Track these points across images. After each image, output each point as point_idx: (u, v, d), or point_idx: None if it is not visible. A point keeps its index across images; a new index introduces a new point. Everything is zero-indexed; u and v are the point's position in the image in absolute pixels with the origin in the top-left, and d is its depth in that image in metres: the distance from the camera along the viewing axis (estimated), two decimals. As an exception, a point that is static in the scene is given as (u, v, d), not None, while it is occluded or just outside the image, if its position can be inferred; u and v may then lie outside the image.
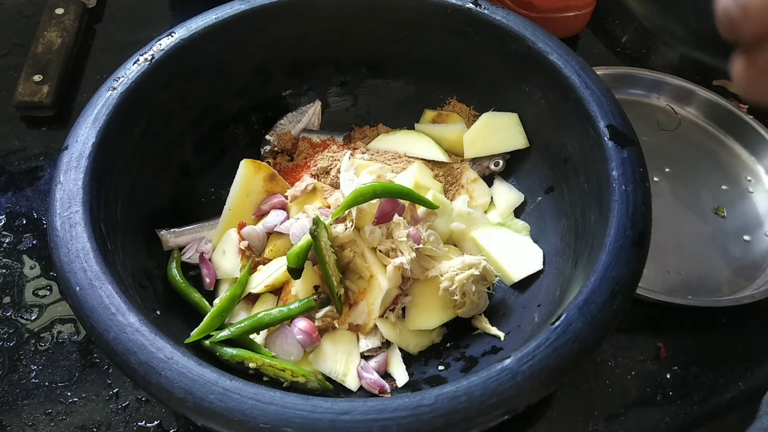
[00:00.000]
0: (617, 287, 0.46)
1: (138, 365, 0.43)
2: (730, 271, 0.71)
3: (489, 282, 0.59)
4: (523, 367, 0.42)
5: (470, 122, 0.71)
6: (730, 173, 0.79)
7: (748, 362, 0.65)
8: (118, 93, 0.57)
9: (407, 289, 0.60)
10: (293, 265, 0.55)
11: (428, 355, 0.59)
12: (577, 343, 0.44)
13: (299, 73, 0.73)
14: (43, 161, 0.78)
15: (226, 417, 0.40)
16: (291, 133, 0.73)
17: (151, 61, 0.60)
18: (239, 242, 0.62)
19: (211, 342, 0.54)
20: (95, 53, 0.89)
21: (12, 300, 0.66)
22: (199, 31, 0.63)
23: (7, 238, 0.71)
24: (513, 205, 0.68)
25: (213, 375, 0.42)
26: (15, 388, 0.61)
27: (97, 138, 0.54)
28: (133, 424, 0.59)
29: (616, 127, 0.55)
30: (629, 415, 0.61)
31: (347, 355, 0.57)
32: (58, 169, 0.53)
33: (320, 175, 0.67)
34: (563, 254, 0.59)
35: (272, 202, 0.64)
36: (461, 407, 0.41)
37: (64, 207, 0.50)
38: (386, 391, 0.55)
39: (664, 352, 0.65)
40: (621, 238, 0.49)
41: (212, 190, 0.69)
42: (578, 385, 0.62)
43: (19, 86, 0.80)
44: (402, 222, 0.58)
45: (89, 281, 0.46)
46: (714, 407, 0.62)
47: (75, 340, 0.64)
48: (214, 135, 0.70)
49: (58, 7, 0.88)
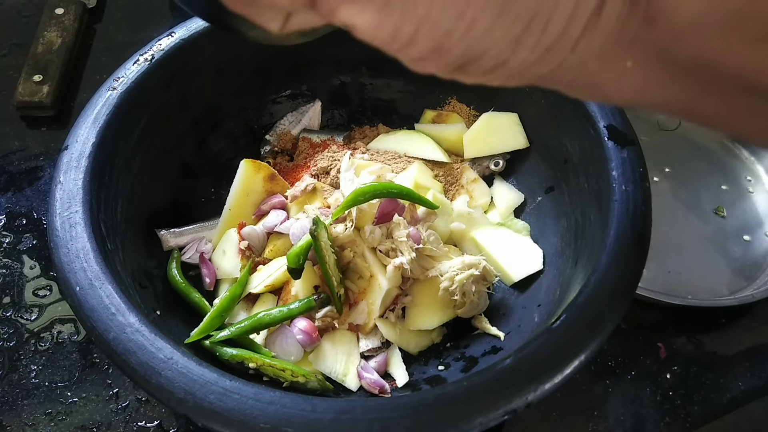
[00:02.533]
0: (617, 287, 0.46)
1: (138, 365, 0.43)
2: (730, 271, 0.71)
3: (489, 282, 0.59)
4: (523, 368, 0.42)
5: (470, 122, 0.71)
6: (730, 173, 0.79)
7: (748, 362, 0.65)
8: (118, 93, 0.57)
9: (407, 289, 0.60)
10: (293, 265, 0.55)
11: (428, 355, 0.59)
12: (578, 344, 0.44)
13: (299, 73, 0.73)
14: (43, 161, 0.78)
15: (226, 417, 0.40)
16: (291, 133, 0.73)
17: (151, 61, 0.60)
18: (239, 242, 0.62)
19: (211, 342, 0.54)
20: (95, 53, 0.89)
21: (12, 300, 0.66)
22: (199, 31, 0.63)
23: (7, 238, 0.71)
24: (513, 205, 0.68)
25: (213, 375, 0.42)
26: (15, 388, 0.61)
27: (97, 138, 0.54)
28: (133, 424, 0.59)
29: (616, 127, 0.55)
30: (629, 415, 0.61)
31: (347, 355, 0.57)
32: (58, 169, 0.53)
33: (320, 175, 0.67)
34: (563, 254, 0.59)
35: (272, 202, 0.64)
36: (461, 407, 0.41)
37: (64, 207, 0.50)
38: (386, 391, 0.55)
39: (664, 352, 0.65)
40: (621, 238, 0.49)
41: (212, 190, 0.69)
42: (578, 385, 0.62)
43: (19, 86, 0.80)
44: (402, 222, 0.58)
45: (89, 281, 0.46)
46: (714, 407, 0.62)
47: (75, 340, 0.64)
48: (214, 135, 0.70)
49: (58, 7, 0.88)
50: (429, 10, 0.21)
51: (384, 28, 0.22)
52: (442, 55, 0.23)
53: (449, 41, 0.22)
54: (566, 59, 0.23)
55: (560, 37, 0.22)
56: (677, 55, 0.23)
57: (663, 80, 0.24)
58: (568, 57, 0.23)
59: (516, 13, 0.21)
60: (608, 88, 0.25)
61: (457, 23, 0.21)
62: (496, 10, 0.21)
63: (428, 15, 0.21)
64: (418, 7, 0.21)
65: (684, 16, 0.21)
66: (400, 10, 0.21)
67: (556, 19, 0.22)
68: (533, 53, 0.23)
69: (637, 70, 0.24)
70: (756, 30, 0.21)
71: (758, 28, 0.21)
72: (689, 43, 0.22)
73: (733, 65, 0.22)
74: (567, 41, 0.22)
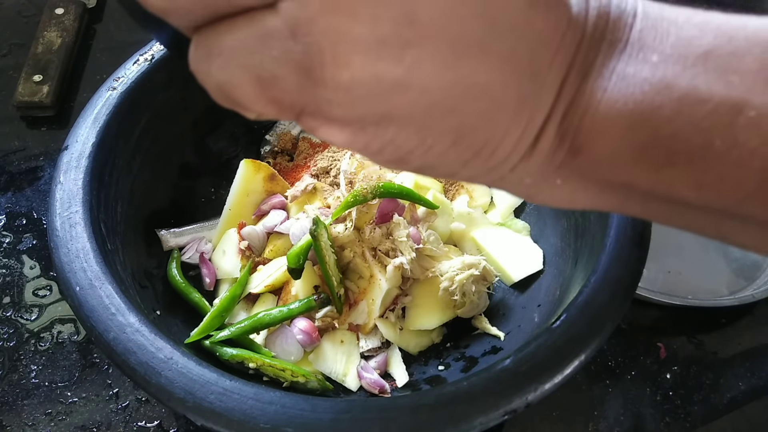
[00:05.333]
0: (617, 287, 0.46)
1: (138, 365, 0.43)
2: (730, 271, 0.71)
3: (489, 282, 0.59)
4: (523, 368, 0.42)
5: (470, 122, 0.71)
6: (730, 173, 0.79)
7: (748, 362, 0.65)
8: (118, 93, 0.57)
9: (407, 289, 0.60)
10: (293, 265, 0.55)
11: (428, 355, 0.59)
12: (578, 344, 0.44)
13: (299, 73, 0.73)
14: (43, 161, 0.78)
15: (226, 417, 0.40)
16: (291, 133, 0.73)
17: (151, 61, 0.60)
18: (239, 242, 0.62)
19: (211, 342, 0.54)
20: (95, 53, 0.89)
21: (12, 300, 0.66)
22: (199, 31, 0.63)
23: (7, 238, 0.71)
24: (513, 205, 0.68)
25: (213, 375, 0.42)
26: (15, 388, 0.61)
27: (97, 138, 0.54)
28: (133, 424, 0.59)
29: (616, 127, 0.55)
30: (629, 415, 0.61)
31: (347, 355, 0.57)
32: (58, 169, 0.53)
33: (320, 175, 0.67)
34: (563, 254, 0.59)
35: (272, 202, 0.64)
36: (461, 407, 0.41)
37: (64, 207, 0.50)
38: (386, 391, 0.55)
39: (664, 352, 0.65)
40: (621, 238, 0.49)
41: (212, 190, 0.69)
42: (578, 385, 0.62)
43: (19, 86, 0.80)
44: (402, 222, 0.58)
45: (89, 281, 0.46)
46: (714, 407, 0.62)
47: (75, 340, 0.64)
48: (214, 135, 0.70)
49: (58, 7, 0.88)
50: (395, 137, 0.25)
51: (357, 144, 0.26)
52: (403, 165, 0.28)
53: (409, 157, 0.27)
54: (506, 176, 0.28)
55: (502, 162, 0.27)
56: (598, 177, 0.28)
57: (589, 194, 0.29)
58: (507, 175, 0.28)
59: (468, 143, 0.26)
60: (544, 197, 0.30)
61: (417, 147, 0.26)
62: (451, 140, 0.26)
63: (394, 139, 0.25)
64: (387, 133, 0.25)
65: (600, 150, 0.26)
66: (372, 133, 0.25)
67: (501, 150, 0.27)
68: (478, 171, 0.28)
69: (566, 186, 0.29)
70: (660, 158, 0.25)
71: (662, 156, 0.25)
72: (605, 170, 0.27)
73: (644, 186, 0.27)
74: (507, 165, 0.28)
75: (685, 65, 0.24)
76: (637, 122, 0.25)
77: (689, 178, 0.25)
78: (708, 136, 0.24)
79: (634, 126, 0.25)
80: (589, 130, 0.26)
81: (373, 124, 0.25)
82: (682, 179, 0.25)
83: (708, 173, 0.25)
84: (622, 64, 0.25)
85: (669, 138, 0.25)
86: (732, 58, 0.24)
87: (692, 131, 0.24)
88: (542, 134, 0.27)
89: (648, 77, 0.25)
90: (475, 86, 0.24)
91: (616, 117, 0.25)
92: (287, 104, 0.24)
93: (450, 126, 0.25)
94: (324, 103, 0.24)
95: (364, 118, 0.24)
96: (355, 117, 0.24)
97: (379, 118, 0.24)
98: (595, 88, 0.25)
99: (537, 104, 0.26)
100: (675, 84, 0.24)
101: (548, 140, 0.27)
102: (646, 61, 0.25)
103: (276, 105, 0.24)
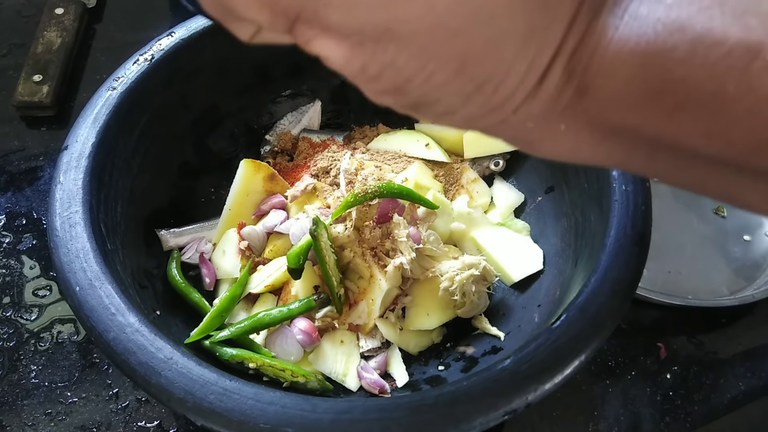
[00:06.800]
0: (617, 287, 0.46)
1: (138, 365, 0.43)
2: (730, 271, 0.71)
3: (489, 282, 0.59)
4: (523, 368, 0.42)
5: (470, 122, 0.71)
6: (730, 173, 0.79)
7: (748, 362, 0.65)
8: (118, 93, 0.57)
9: (407, 289, 0.60)
10: (293, 265, 0.55)
11: (428, 355, 0.59)
12: (578, 344, 0.44)
13: (299, 72, 0.73)
14: (43, 161, 0.78)
15: (226, 417, 0.40)
16: (291, 133, 0.73)
17: (151, 61, 0.60)
18: (239, 242, 0.62)
19: (211, 342, 0.54)
20: (95, 53, 0.89)
21: (12, 300, 0.66)
22: (199, 31, 0.63)
23: (7, 238, 0.71)
24: (513, 205, 0.68)
25: (213, 375, 0.42)
26: (15, 388, 0.61)
27: (97, 138, 0.54)
28: (133, 424, 0.59)
29: (616, 127, 0.55)
30: (629, 415, 0.61)
31: (347, 355, 0.57)
32: (58, 169, 0.53)
33: (320, 175, 0.67)
34: (563, 254, 0.59)
35: (272, 202, 0.64)
36: (461, 407, 0.41)
37: (64, 207, 0.50)
38: (386, 391, 0.55)
39: (664, 352, 0.65)
40: (621, 238, 0.49)
41: (212, 190, 0.69)
42: (578, 385, 0.63)
43: (19, 86, 0.80)
44: (402, 222, 0.58)
45: (89, 281, 0.46)
46: (714, 407, 0.62)
47: (75, 340, 0.64)
48: (214, 135, 0.70)
49: (58, 7, 0.88)
50: (395, 58, 0.24)
51: (353, 63, 0.25)
52: (400, 96, 0.26)
53: (408, 86, 0.25)
54: (508, 118, 0.27)
55: (506, 100, 0.26)
56: (603, 122, 0.26)
57: (593, 141, 0.28)
58: (510, 116, 0.27)
59: (471, 74, 0.25)
60: (545, 146, 0.29)
61: (417, 73, 0.24)
62: (454, 68, 0.24)
63: (394, 61, 0.24)
64: (387, 53, 0.24)
65: (608, 91, 0.25)
66: (371, 51, 0.24)
67: (505, 86, 0.25)
68: (480, 109, 0.26)
69: (570, 133, 0.27)
70: (670, 103, 0.24)
71: (672, 101, 0.24)
72: (613, 113, 0.26)
73: (651, 132, 0.25)
74: (511, 104, 0.26)
75: (700, 6, 0.23)
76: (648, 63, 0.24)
77: (699, 125, 0.24)
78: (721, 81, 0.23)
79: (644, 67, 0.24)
80: (598, 69, 0.25)
81: (373, 39, 0.23)
82: (692, 126, 0.24)
83: (719, 120, 0.23)
84: (635, 4, 0.24)
85: (680, 81, 0.23)
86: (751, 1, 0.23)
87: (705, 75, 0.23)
88: (549, 71, 0.25)
89: (661, 17, 0.23)
90: (483, 8, 0.23)
91: (627, 57, 0.24)
92: (282, 7, 0.23)
93: (454, 51, 0.24)
94: (321, 6, 0.23)
95: (363, 30, 0.23)
96: (354, 26, 0.23)
97: (380, 32, 0.23)
98: (607, 25, 0.24)
99: (546, 38, 0.25)
100: (689, 25, 0.23)
101: (555, 78, 0.26)
102: (660, 2, 0.24)
103: (270, 9, 0.23)
